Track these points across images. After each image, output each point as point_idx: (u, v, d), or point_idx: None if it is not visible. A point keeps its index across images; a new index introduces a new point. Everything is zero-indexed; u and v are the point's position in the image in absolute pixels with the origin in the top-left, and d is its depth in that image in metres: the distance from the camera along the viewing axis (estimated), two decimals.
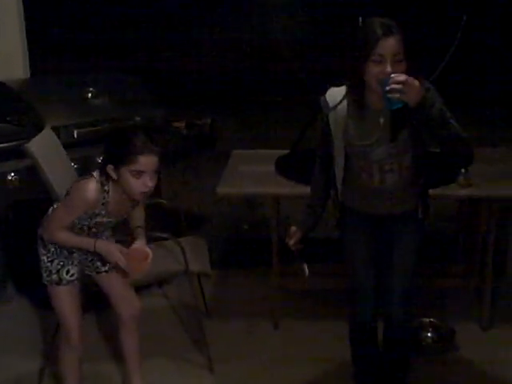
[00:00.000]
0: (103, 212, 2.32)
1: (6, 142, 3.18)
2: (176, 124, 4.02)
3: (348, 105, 2.34)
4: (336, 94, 2.37)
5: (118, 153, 2.22)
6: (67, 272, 2.40)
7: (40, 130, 3.07)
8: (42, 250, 2.41)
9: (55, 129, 3.20)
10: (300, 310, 3.41)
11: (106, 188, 2.27)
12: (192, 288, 2.98)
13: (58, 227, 2.32)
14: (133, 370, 2.73)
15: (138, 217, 2.52)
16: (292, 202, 4.05)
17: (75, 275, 2.41)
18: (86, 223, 2.36)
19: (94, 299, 2.87)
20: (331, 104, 2.36)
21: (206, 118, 4.15)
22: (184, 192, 4.68)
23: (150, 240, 3.10)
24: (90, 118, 3.52)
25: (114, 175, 2.24)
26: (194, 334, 3.14)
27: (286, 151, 3.60)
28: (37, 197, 2.90)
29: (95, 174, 2.30)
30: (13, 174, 3.09)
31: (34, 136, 2.93)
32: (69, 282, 2.40)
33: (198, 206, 4.51)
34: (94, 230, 2.40)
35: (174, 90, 5.95)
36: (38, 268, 2.46)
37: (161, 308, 3.48)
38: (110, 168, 2.24)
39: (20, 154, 2.89)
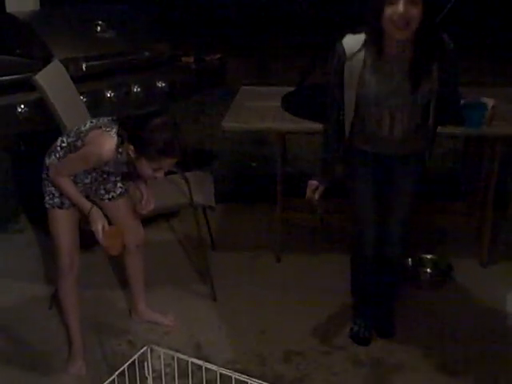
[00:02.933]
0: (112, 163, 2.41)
1: (15, 74, 3.21)
2: (185, 59, 4.01)
3: (366, 53, 2.31)
4: (353, 43, 2.34)
5: (142, 145, 2.26)
6: None
7: (48, 62, 3.09)
8: (45, 175, 2.47)
9: (64, 61, 3.22)
10: (302, 244, 3.50)
11: (120, 150, 2.33)
12: (197, 221, 3.05)
13: (67, 173, 2.39)
14: (137, 297, 2.85)
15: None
16: (298, 138, 4.09)
17: None
18: (94, 172, 2.47)
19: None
20: (348, 52, 2.33)
21: (215, 53, 4.13)
22: (192, 128, 4.72)
23: None
24: (98, 52, 3.53)
25: (132, 155, 2.30)
26: (199, 265, 3.24)
27: (293, 88, 3.61)
28: (46, 128, 2.94)
29: (113, 133, 2.32)
30: (22, 106, 3.12)
31: (42, 68, 2.96)
32: (69, 206, 2.46)
33: (206, 142, 4.55)
34: (104, 175, 2.50)
35: (183, 25, 5.89)
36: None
37: (167, 240, 3.58)
38: (130, 148, 2.28)
39: (29, 86, 2.92)
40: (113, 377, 1.72)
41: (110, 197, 2.60)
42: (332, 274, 3.22)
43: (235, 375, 1.70)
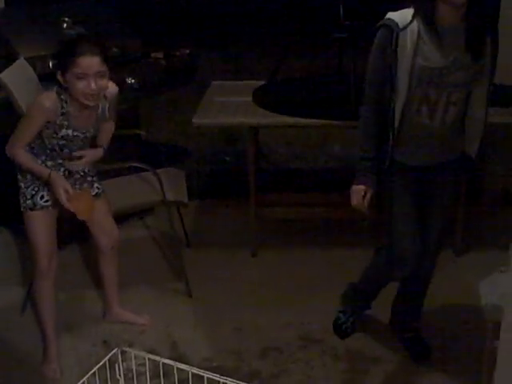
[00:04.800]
0: (65, 123, 2.34)
1: None
2: (154, 55, 3.97)
3: (418, 25, 2.15)
4: (400, 16, 2.17)
5: (62, 58, 2.27)
6: (41, 197, 2.42)
7: (13, 60, 3.03)
8: (19, 177, 2.45)
9: (30, 59, 3.16)
10: (278, 239, 3.49)
11: (62, 97, 2.31)
12: (170, 218, 3.02)
13: (20, 142, 2.34)
14: (111, 298, 2.82)
15: (104, 137, 2.57)
16: (270, 132, 4.08)
17: (49, 201, 2.43)
18: (55, 141, 2.37)
19: (78, 229, 2.92)
20: (401, 24, 2.15)
21: (185, 48, 4.09)
22: (165, 124, 4.68)
23: (128, 171, 3.16)
24: None
25: (62, 80, 2.28)
26: (174, 263, 3.22)
27: (264, 82, 3.60)
28: (13, 128, 2.89)
29: (54, 87, 2.33)
30: None
31: (7, 67, 2.90)
32: (43, 207, 2.43)
33: (179, 139, 4.52)
34: (66, 150, 2.42)
35: (152, 20, 5.84)
36: (18, 197, 2.49)
37: (141, 238, 3.54)
38: (58, 74, 2.28)
39: None
40: (83, 380, 1.69)
41: None
42: (307, 267, 3.22)
43: (207, 374, 1.68)
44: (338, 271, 3.11)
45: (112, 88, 2.45)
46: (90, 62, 2.24)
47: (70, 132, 2.37)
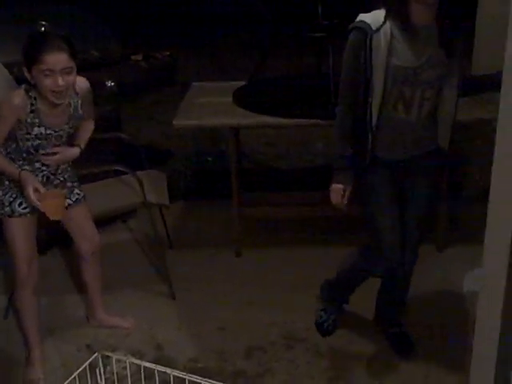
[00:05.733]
0: (36, 121, 2.31)
1: None
2: (134, 57, 3.97)
3: (391, 25, 2.18)
4: (373, 18, 2.20)
5: (28, 54, 2.24)
6: (20, 204, 2.40)
7: None
8: None
9: (7, 65, 3.14)
10: (261, 239, 3.50)
11: (31, 94, 2.29)
12: (152, 220, 3.02)
13: None
14: (95, 303, 2.81)
15: (82, 136, 2.53)
16: (251, 132, 4.09)
17: (28, 208, 2.41)
18: (30, 143, 2.35)
19: (59, 235, 2.91)
20: (374, 26, 2.18)
21: (165, 50, 4.10)
22: (147, 126, 4.68)
23: (108, 174, 3.16)
24: None
25: (29, 76, 2.26)
26: (157, 265, 3.22)
27: (244, 82, 3.60)
28: None
29: (22, 85, 2.32)
30: None
31: None
32: (21, 214, 2.41)
33: (161, 140, 4.51)
34: (41, 151, 2.39)
35: (131, 22, 5.83)
36: None
37: (124, 241, 3.54)
38: (25, 71, 2.26)
39: None
40: None
41: (67, 204, 2.53)
42: (291, 267, 3.23)
43: (188, 377, 1.68)
44: (322, 270, 3.11)
45: (82, 83, 2.41)
46: (57, 59, 2.20)
47: (42, 130, 2.33)
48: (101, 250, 2.72)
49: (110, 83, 3.65)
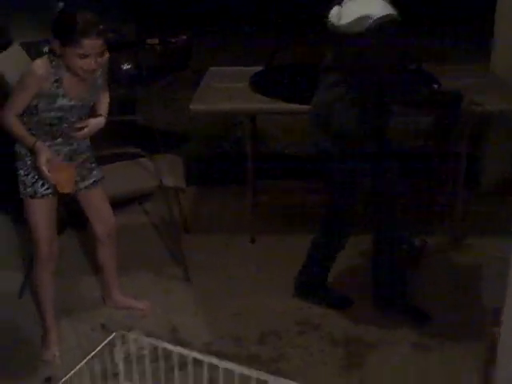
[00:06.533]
0: (59, 91, 2.30)
1: None
2: (150, 41, 3.95)
3: None
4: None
5: (64, 33, 2.23)
6: (42, 185, 2.40)
7: (7, 46, 3.01)
8: (19, 164, 2.42)
9: (24, 45, 3.14)
10: (276, 225, 3.48)
11: (54, 63, 2.28)
12: (168, 203, 3.02)
13: (12, 110, 2.31)
14: (111, 284, 2.82)
15: (102, 106, 2.54)
16: (266, 118, 4.07)
17: (50, 189, 2.42)
18: (53, 114, 2.34)
19: (75, 215, 2.91)
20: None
21: (181, 35, 4.08)
22: (162, 111, 4.66)
23: (125, 156, 3.15)
24: None
25: (59, 51, 2.25)
26: (172, 249, 3.22)
27: (261, 68, 3.58)
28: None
29: (45, 54, 2.31)
30: None
31: (0, 52, 2.88)
32: (43, 195, 2.41)
33: (177, 125, 4.50)
34: (65, 124, 2.38)
35: (148, 6, 5.80)
36: (14, 183, 2.48)
37: (140, 224, 3.54)
38: (55, 42, 2.25)
39: None
40: (81, 364, 1.70)
41: (85, 186, 2.55)
42: (305, 253, 3.21)
43: (207, 359, 1.68)
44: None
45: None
46: (95, 44, 2.22)
47: (65, 101, 2.33)
48: (117, 232, 2.72)
49: (126, 66, 3.64)
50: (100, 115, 2.50)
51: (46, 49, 3.32)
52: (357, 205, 2.68)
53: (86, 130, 2.44)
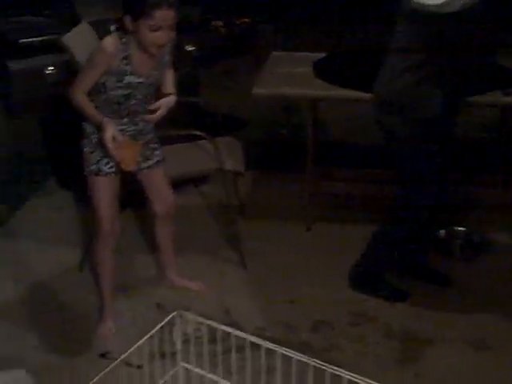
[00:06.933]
0: (128, 68, 2.31)
1: (43, 36, 3.18)
2: (214, 23, 3.94)
3: None
4: None
5: (137, 7, 2.22)
6: (106, 163, 2.43)
7: (76, 23, 3.05)
8: (84, 141, 2.46)
9: (92, 23, 3.17)
10: (333, 214, 3.43)
11: (124, 40, 2.29)
12: (226, 187, 3.01)
13: (81, 86, 2.32)
14: (167, 263, 2.84)
15: (169, 82, 2.54)
16: (329, 105, 4.01)
17: (114, 168, 2.44)
18: (120, 92, 2.35)
19: (134, 195, 2.94)
20: None
21: (245, 17, 4.05)
22: (223, 94, 4.66)
23: (185, 138, 3.16)
24: None
25: (130, 26, 2.25)
26: (228, 232, 3.22)
27: (325, 53, 3.52)
28: None
29: (114, 31, 2.33)
30: (51, 68, 3.09)
31: (70, 30, 2.91)
32: (107, 173, 2.44)
33: (236, 108, 4.49)
34: (131, 102, 2.39)
35: None
36: (78, 159, 2.52)
37: (196, 206, 3.55)
38: (127, 18, 2.25)
39: (58, 47, 2.88)
40: (142, 341, 1.71)
41: (148, 165, 2.57)
42: (363, 244, 3.16)
43: (265, 344, 1.67)
44: None
45: None
46: (167, 15, 2.21)
47: (133, 79, 2.33)
48: (174, 212, 2.74)
49: (189, 47, 3.64)
50: (169, 94, 2.50)
51: (113, 27, 3.38)
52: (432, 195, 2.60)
53: (158, 112, 2.44)
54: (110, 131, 2.28)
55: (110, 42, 2.29)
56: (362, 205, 3.46)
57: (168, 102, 2.48)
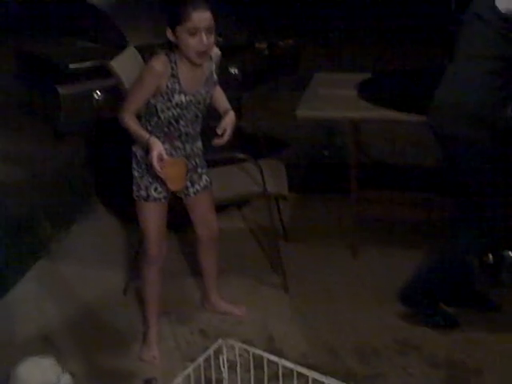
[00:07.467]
0: (176, 87, 2.33)
1: (91, 60, 3.24)
2: (258, 45, 3.95)
3: None
4: None
5: (173, 13, 2.28)
6: (155, 189, 2.45)
7: (123, 48, 3.09)
8: (134, 166, 2.48)
9: (139, 47, 3.22)
10: (378, 238, 3.38)
11: (171, 58, 2.32)
12: (270, 210, 3.00)
13: (130, 106, 2.36)
14: (210, 287, 2.84)
15: (222, 100, 2.57)
16: (372, 127, 3.97)
17: (163, 193, 2.46)
18: (170, 113, 2.37)
19: (178, 218, 2.95)
20: None
21: (289, 39, 4.05)
22: (265, 115, 4.67)
23: (229, 161, 3.17)
24: None
25: (172, 38, 2.29)
26: (271, 256, 3.20)
27: (368, 74, 3.50)
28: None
29: (162, 51, 2.37)
30: (98, 92, 3.14)
31: (117, 55, 2.96)
32: (156, 199, 2.46)
33: (278, 130, 4.49)
34: (181, 123, 2.40)
35: (256, 9, 5.82)
36: (123, 183, 2.55)
37: (239, 229, 3.55)
38: (169, 32, 2.30)
39: (105, 72, 2.93)
40: (189, 369, 1.70)
41: (195, 190, 2.58)
42: (408, 270, 3.10)
43: (311, 374, 1.65)
44: None
45: (215, 49, 2.46)
46: (203, 16, 2.25)
47: (182, 98, 2.35)
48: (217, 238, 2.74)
49: (233, 70, 3.66)
50: (227, 110, 2.52)
51: (158, 51, 3.43)
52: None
53: (226, 134, 2.45)
54: (157, 150, 2.29)
55: (158, 60, 2.32)
56: (408, 228, 3.40)
57: (231, 120, 2.49)
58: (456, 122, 2.46)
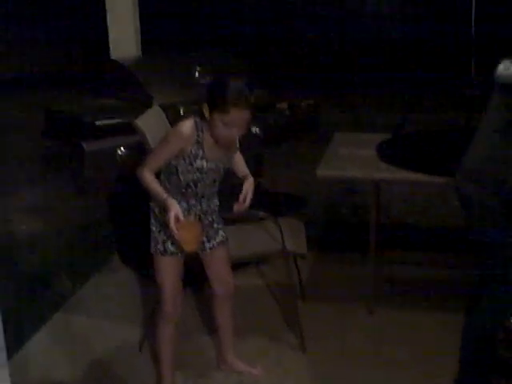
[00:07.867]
0: (199, 153, 2.35)
1: (116, 118, 3.32)
2: (279, 105, 4.03)
3: None
4: None
5: (213, 96, 2.28)
6: (172, 243, 2.46)
7: (148, 106, 3.17)
8: (152, 221, 2.50)
9: (163, 106, 3.30)
10: (396, 298, 3.34)
11: (199, 126, 2.34)
12: (288, 268, 2.98)
13: (151, 164, 2.38)
14: (226, 346, 2.80)
15: (242, 165, 2.59)
16: (391, 187, 3.98)
17: (179, 248, 2.46)
18: (190, 176, 2.39)
19: (193, 274, 2.95)
20: None
21: (309, 99, 4.13)
22: (285, 173, 4.71)
23: (248, 219, 3.17)
24: (196, 96, 3.60)
25: (206, 115, 2.31)
26: (288, 315, 3.16)
27: (389, 135, 3.53)
28: None
29: (192, 116, 2.39)
30: (122, 149, 3.20)
31: (142, 113, 3.03)
32: (172, 253, 2.47)
33: (297, 188, 4.51)
34: (199, 186, 2.42)
35: (277, 70, 5.96)
36: (143, 240, 2.56)
37: (256, 287, 3.53)
38: (205, 106, 2.30)
39: (129, 129, 2.99)
40: None
41: (211, 245, 2.59)
42: (426, 332, 3.05)
43: None
44: (457, 341, 2.91)
45: None
46: (242, 116, 2.27)
47: (204, 163, 2.37)
48: (233, 295, 2.72)
49: (255, 130, 3.72)
50: (246, 175, 2.54)
51: (182, 111, 3.52)
52: None
53: (247, 200, 2.47)
54: (174, 211, 2.30)
55: (187, 125, 2.35)
56: (427, 289, 3.35)
57: (251, 186, 2.51)
58: (483, 188, 2.42)
